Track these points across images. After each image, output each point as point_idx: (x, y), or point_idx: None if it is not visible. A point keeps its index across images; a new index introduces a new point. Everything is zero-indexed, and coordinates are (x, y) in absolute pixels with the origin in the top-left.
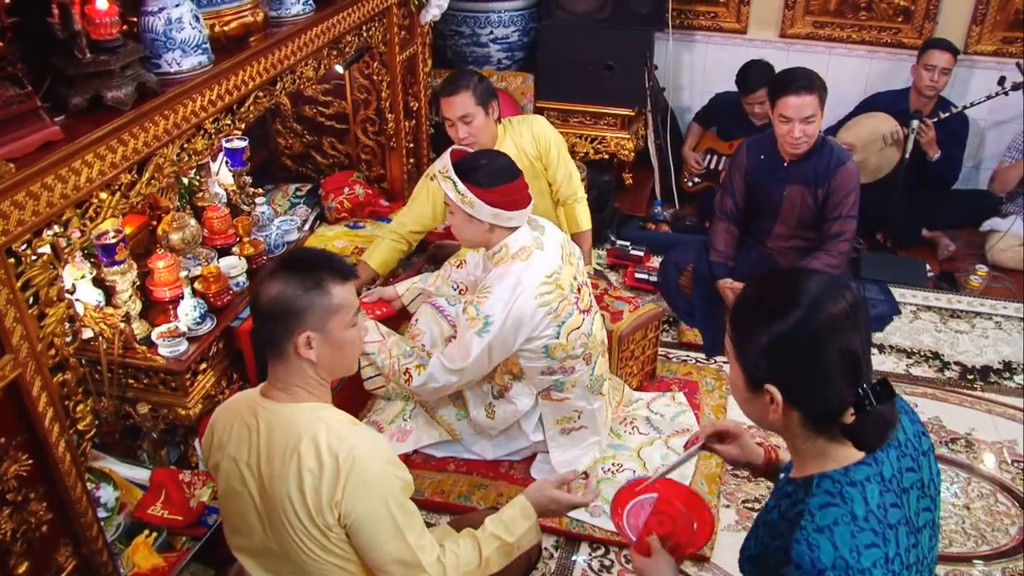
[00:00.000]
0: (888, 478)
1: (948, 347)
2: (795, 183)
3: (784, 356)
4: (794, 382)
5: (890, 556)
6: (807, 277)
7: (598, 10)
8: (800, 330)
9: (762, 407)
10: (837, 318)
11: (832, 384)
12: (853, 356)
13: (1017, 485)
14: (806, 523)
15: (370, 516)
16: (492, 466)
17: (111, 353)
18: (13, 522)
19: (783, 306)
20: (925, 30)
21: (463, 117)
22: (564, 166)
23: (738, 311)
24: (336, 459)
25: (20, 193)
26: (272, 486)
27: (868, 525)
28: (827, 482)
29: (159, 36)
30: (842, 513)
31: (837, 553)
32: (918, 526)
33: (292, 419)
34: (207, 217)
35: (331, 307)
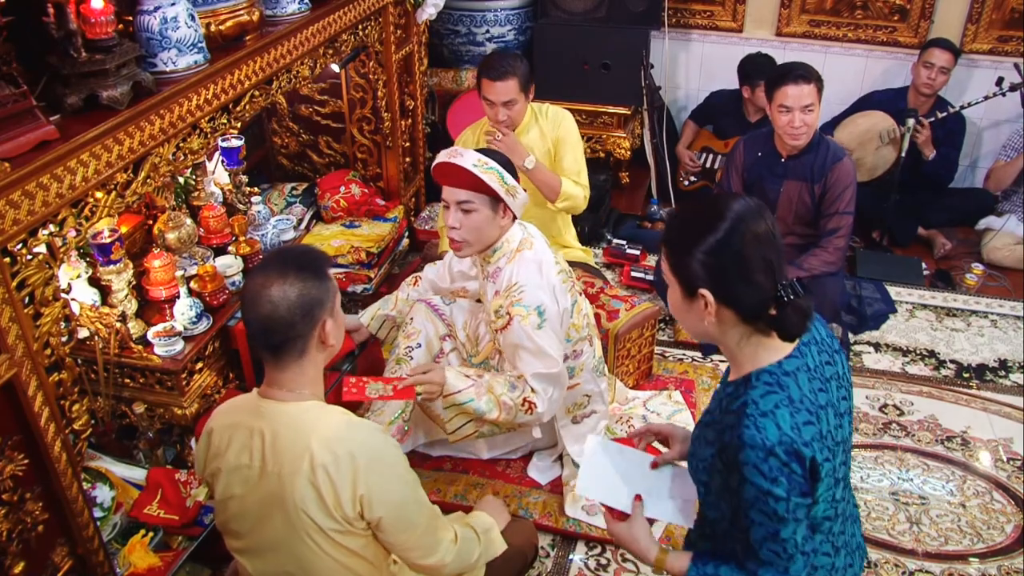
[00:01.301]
0: (813, 368)
1: (944, 345)
2: (792, 179)
3: (715, 261)
4: (724, 282)
5: (823, 432)
6: (731, 198)
7: (594, 9)
8: (728, 239)
9: (698, 313)
10: (758, 232)
11: (755, 281)
12: (770, 264)
13: (1013, 483)
14: (752, 411)
15: (399, 499)
16: (488, 465)
17: (107, 352)
18: (9, 522)
19: (713, 220)
20: (921, 29)
21: (507, 102)
22: (572, 160)
23: (672, 232)
24: (350, 453)
25: (15, 192)
26: (283, 484)
27: (804, 406)
28: (765, 375)
29: (154, 35)
30: (781, 398)
31: (782, 432)
32: (840, 412)
33: (299, 417)
34: (203, 216)
35: (335, 289)
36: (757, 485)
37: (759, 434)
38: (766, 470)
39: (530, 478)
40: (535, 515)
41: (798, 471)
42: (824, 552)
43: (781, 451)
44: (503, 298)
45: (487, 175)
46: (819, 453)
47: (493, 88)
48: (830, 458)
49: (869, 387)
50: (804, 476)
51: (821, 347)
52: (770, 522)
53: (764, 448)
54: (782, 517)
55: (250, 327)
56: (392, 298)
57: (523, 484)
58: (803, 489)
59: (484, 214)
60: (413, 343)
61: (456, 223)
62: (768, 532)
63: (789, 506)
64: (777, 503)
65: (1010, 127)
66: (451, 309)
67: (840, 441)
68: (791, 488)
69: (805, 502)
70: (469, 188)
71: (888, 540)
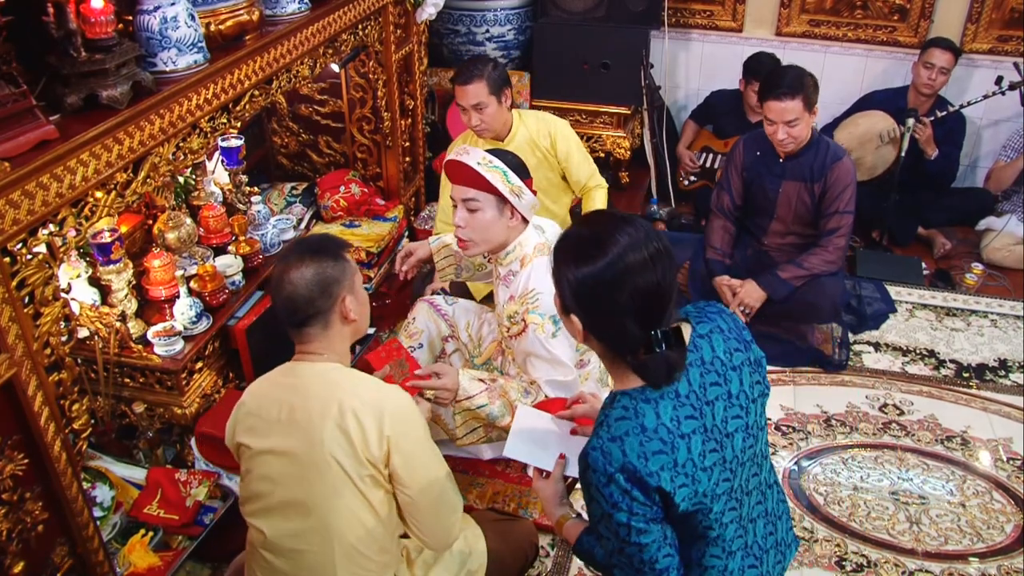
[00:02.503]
0: (684, 394)
1: (944, 345)
2: (791, 179)
3: (585, 293)
4: (592, 317)
5: (679, 461)
6: (619, 228)
7: (594, 8)
8: (600, 276)
9: (572, 328)
10: (637, 264)
11: (624, 325)
12: (646, 301)
13: (1013, 483)
14: (602, 432)
15: (419, 453)
16: (488, 465)
17: (107, 352)
18: (9, 522)
19: (593, 252)
20: (921, 28)
21: (476, 105)
22: (587, 165)
23: (561, 245)
24: (377, 401)
25: (15, 192)
26: (311, 433)
27: (657, 435)
28: (625, 398)
29: (154, 35)
30: (633, 426)
31: (626, 459)
32: (727, 432)
33: (328, 374)
34: (203, 216)
35: (354, 268)
36: (600, 506)
37: (603, 458)
38: (607, 494)
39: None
40: (535, 515)
41: (640, 497)
42: (713, 554)
43: (622, 478)
44: (518, 304)
45: (490, 173)
46: (668, 482)
47: (463, 92)
48: (687, 484)
49: (869, 387)
50: (648, 503)
51: (707, 368)
52: (615, 539)
53: (605, 473)
54: (624, 539)
55: (277, 309)
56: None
57: (523, 484)
58: (648, 516)
59: (490, 213)
60: (415, 343)
61: (462, 222)
62: (616, 546)
63: (631, 531)
64: (619, 527)
65: (1010, 126)
66: (454, 309)
67: (712, 465)
68: (632, 515)
69: (651, 528)
70: (474, 186)
71: (888, 540)
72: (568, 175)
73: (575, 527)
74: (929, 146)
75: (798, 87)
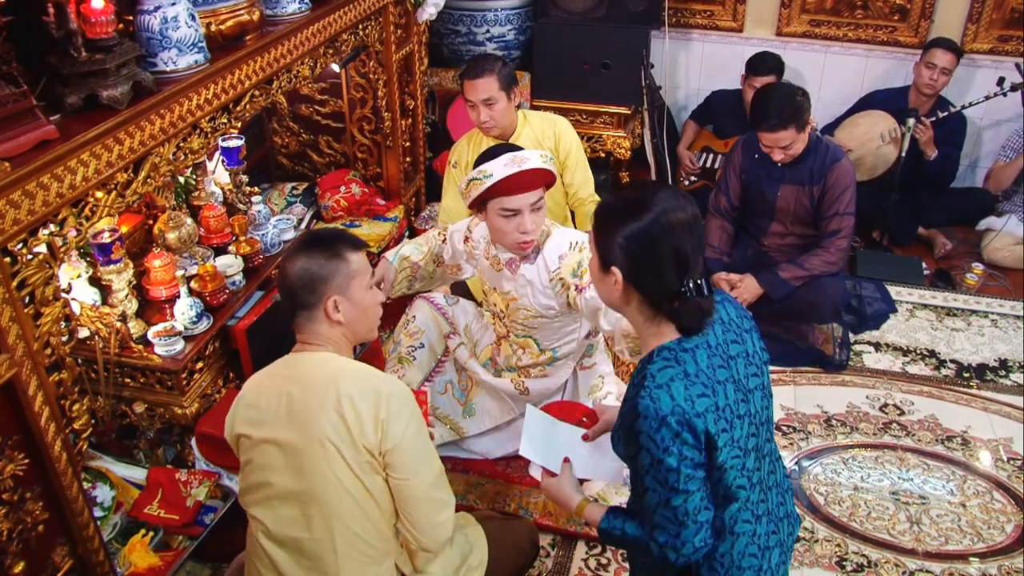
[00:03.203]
0: (714, 345)
1: (944, 345)
2: (789, 183)
3: (632, 247)
4: (635, 267)
5: (720, 405)
6: (660, 190)
7: (594, 8)
8: (648, 229)
9: (609, 285)
10: (678, 224)
11: (664, 275)
12: (683, 255)
13: (1013, 483)
14: (648, 383)
15: (411, 438)
16: (489, 465)
17: (107, 352)
18: (9, 522)
19: (640, 210)
20: (921, 28)
21: (486, 100)
22: (583, 170)
23: (605, 208)
24: (374, 389)
25: (16, 192)
26: (308, 418)
27: (699, 380)
28: (664, 351)
29: (155, 35)
30: (677, 372)
31: (675, 402)
32: (749, 388)
33: (325, 362)
34: (203, 216)
35: (350, 271)
36: (651, 453)
37: (653, 404)
38: (658, 439)
39: (530, 478)
40: (535, 515)
41: (689, 440)
42: (744, 519)
43: (673, 420)
44: (576, 252)
45: (552, 165)
46: (713, 424)
47: (473, 87)
48: (727, 429)
49: (869, 387)
50: (697, 446)
51: (727, 327)
52: (662, 489)
53: (657, 418)
54: (672, 487)
55: (280, 295)
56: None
57: (523, 484)
58: (696, 460)
59: (545, 203)
60: (416, 343)
61: (532, 225)
62: (661, 499)
63: (680, 477)
64: (668, 473)
65: (1010, 127)
66: (453, 309)
67: (744, 414)
68: (682, 459)
69: (697, 474)
70: (542, 185)
71: (888, 540)
72: (563, 174)
73: (597, 510)
74: (929, 147)
75: (787, 117)
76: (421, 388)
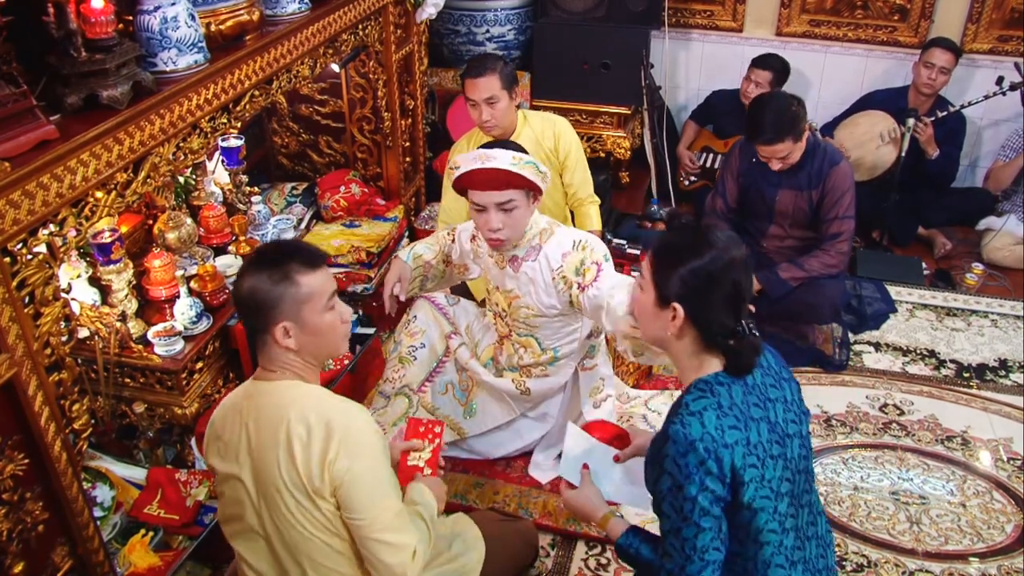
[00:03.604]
0: (751, 385)
1: (944, 345)
2: (787, 187)
3: (694, 283)
4: (697, 304)
5: (751, 441)
6: (715, 231)
7: (594, 8)
8: (708, 267)
9: (664, 321)
10: (738, 261)
11: (723, 311)
12: (741, 292)
13: (1013, 483)
14: (682, 411)
15: (364, 474)
16: (489, 465)
17: (107, 352)
18: (9, 522)
19: (701, 248)
20: (921, 28)
21: (489, 99)
22: (582, 170)
23: (662, 248)
24: (326, 424)
25: (16, 192)
26: (262, 458)
27: (732, 413)
28: (700, 383)
29: (155, 35)
30: (710, 402)
31: (704, 430)
32: (786, 432)
33: (280, 392)
34: (203, 216)
35: (300, 296)
36: (673, 478)
37: (683, 429)
38: (683, 464)
39: (530, 478)
40: (535, 515)
41: (714, 469)
42: (778, 564)
43: (700, 447)
44: (580, 251)
45: (526, 170)
46: (740, 459)
47: (475, 85)
48: (757, 466)
49: (869, 387)
50: (720, 478)
51: (767, 372)
52: (676, 517)
53: (685, 442)
54: (686, 516)
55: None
56: (434, 242)
57: (523, 484)
58: (717, 494)
59: (523, 206)
60: (417, 343)
61: (500, 223)
62: (673, 527)
63: (696, 508)
64: (685, 501)
65: (1010, 126)
66: (454, 309)
67: (778, 456)
68: (702, 489)
69: (714, 511)
70: (508, 187)
71: (888, 540)
72: (563, 174)
73: (620, 525)
74: (930, 146)
75: (783, 130)
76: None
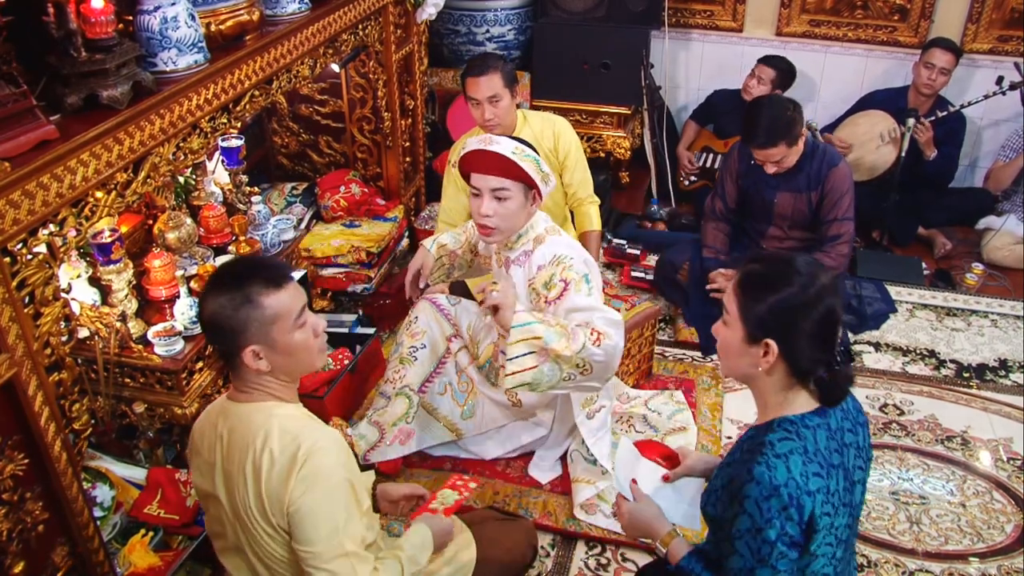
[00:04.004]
0: (834, 429)
1: (944, 345)
2: (786, 189)
3: (784, 316)
4: (789, 338)
5: (831, 489)
6: (798, 259)
7: (594, 8)
8: (798, 297)
9: (753, 359)
10: (828, 287)
11: (813, 344)
12: (833, 318)
13: (1013, 483)
14: (767, 451)
15: (313, 506)
16: (489, 465)
17: (107, 352)
18: (9, 522)
19: (789, 278)
20: (921, 28)
21: (492, 97)
22: (582, 170)
23: (748, 280)
24: (290, 453)
25: (15, 192)
26: (232, 481)
27: (816, 459)
28: (786, 423)
29: (155, 35)
30: (797, 446)
31: (790, 475)
32: (854, 479)
33: (249, 417)
34: (203, 216)
35: (266, 319)
36: (753, 520)
37: (768, 472)
38: (765, 508)
39: (530, 478)
40: (535, 515)
41: (795, 516)
42: None
43: (785, 493)
44: (554, 266)
45: (525, 162)
46: (819, 507)
47: (477, 84)
48: (831, 515)
49: (869, 387)
50: (800, 524)
51: (846, 415)
52: (751, 558)
53: (770, 486)
54: (763, 558)
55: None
56: (462, 232)
57: (523, 484)
58: (794, 539)
59: (518, 201)
60: (418, 343)
61: (490, 211)
62: (746, 566)
63: (774, 552)
64: (763, 544)
65: (1010, 127)
66: (456, 310)
67: (847, 504)
68: (782, 534)
69: (791, 554)
70: (505, 175)
71: (888, 540)
72: (562, 173)
73: (682, 546)
74: (928, 147)
75: (776, 134)
76: (468, 484)
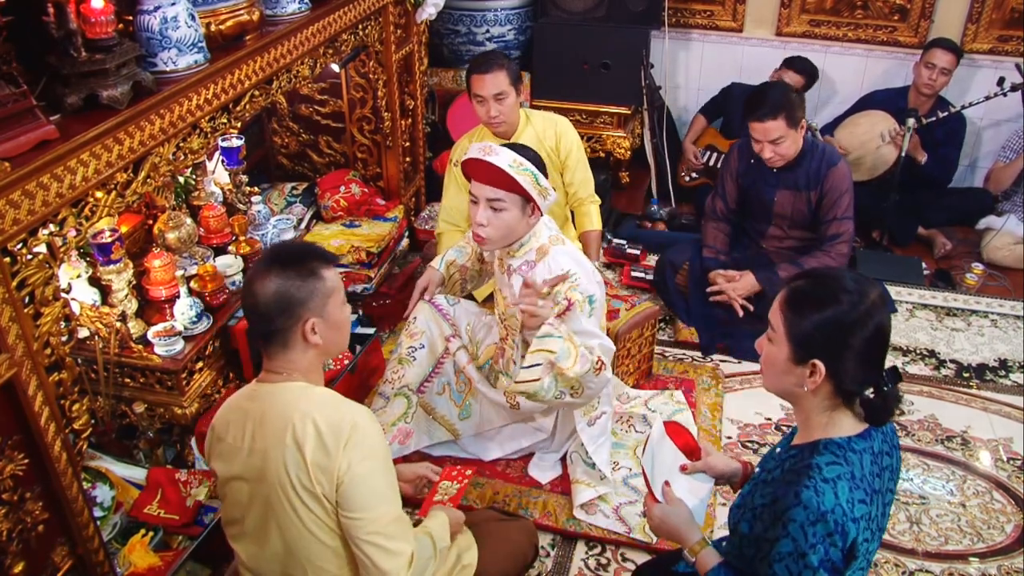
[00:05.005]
0: (877, 453)
1: (944, 345)
2: (785, 188)
3: (833, 334)
4: (837, 357)
5: (872, 515)
6: (846, 275)
7: (594, 8)
8: (847, 315)
9: (798, 378)
10: (877, 302)
11: (862, 363)
12: (883, 337)
13: (1013, 483)
14: (815, 474)
15: (367, 475)
16: (489, 465)
17: (107, 352)
18: (9, 522)
19: (837, 295)
20: (921, 28)
21: (498, 95)
22: (583, 170)
23: (795, 297)
24: (336, 425)
25: (16, 192)
26: (267, 459)
27: (863, 485)
28: (833, 446)
29: (155, 35)
30: (845, 471)
31: (837, 501)
32: (886, 502)
33: (285, 394)
34: (203, 216)
35: (328, 290)
36: (796, 543)
37: (816, 497)
38: (810, 533)
39: (530, 478)
40: (535, 515)
41: (839, 543)
42: None
43: (831, 520)
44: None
45: (522, 176)
46: (861, 533)
47: (483, 81)
48: (869, 540)
49: None
50: (843, 550)
51: (886, 438)
52: None
53: (817, 511)
54: None
55: (244, 315)
56: (466, 243)
57: (523, 484)
58: (836, 565)
59: (514, 213)
60: (417, 344)
61: (484, 220)
62: None
63: None
64: (805, 569)
65: (1010, 127)
66: (455, 310)
67: (881, 528)
68: (824, 560)
69: None
70: (501, 187)
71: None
72: (563, 173)
73: (711, 557)
74: (918, 153)
75: (779, 107)
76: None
